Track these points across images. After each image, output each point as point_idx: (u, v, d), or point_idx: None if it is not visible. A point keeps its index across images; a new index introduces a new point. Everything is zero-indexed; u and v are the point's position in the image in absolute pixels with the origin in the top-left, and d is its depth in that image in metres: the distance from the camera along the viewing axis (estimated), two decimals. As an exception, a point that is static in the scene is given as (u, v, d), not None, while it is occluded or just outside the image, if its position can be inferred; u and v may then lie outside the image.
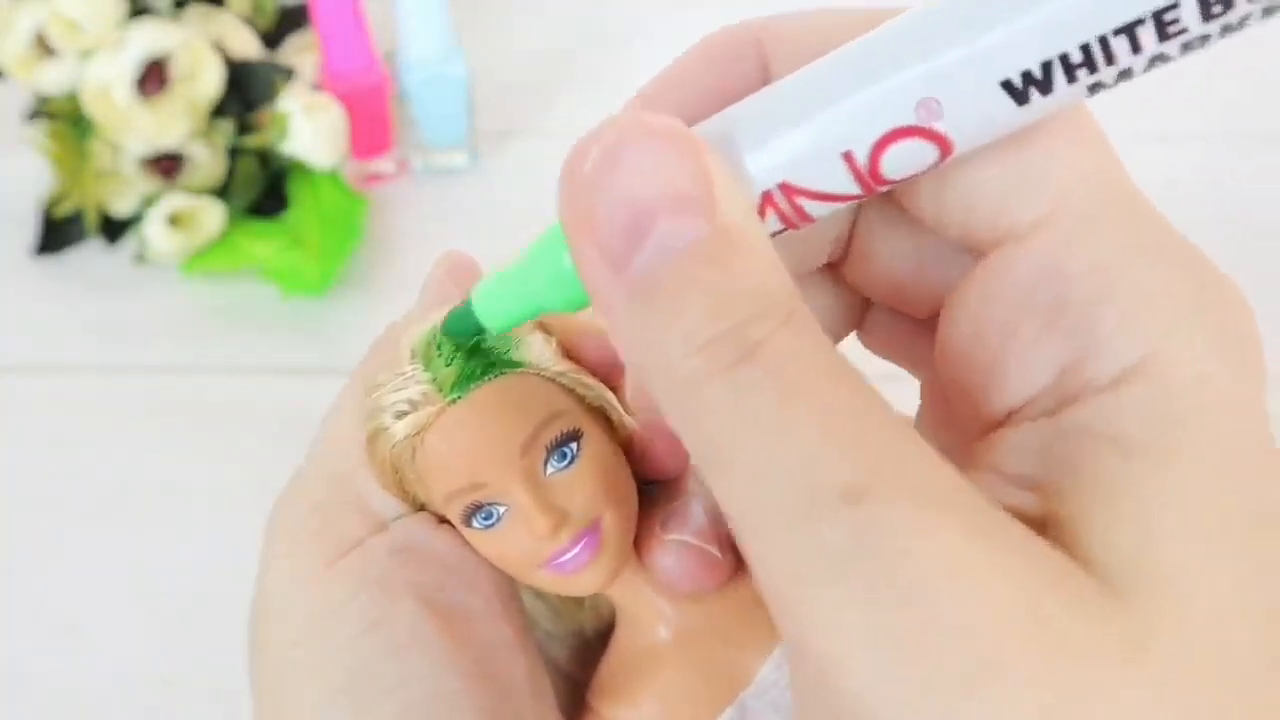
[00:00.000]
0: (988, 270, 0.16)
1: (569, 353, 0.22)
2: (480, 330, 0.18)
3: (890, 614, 0.12)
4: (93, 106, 0.46)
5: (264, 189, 0.51)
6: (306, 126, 0.48)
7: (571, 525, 0.20)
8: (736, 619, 0.22)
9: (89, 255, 0.51)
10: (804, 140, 0.14)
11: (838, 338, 0.20)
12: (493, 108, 0.58)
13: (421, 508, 0.22)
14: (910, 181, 0.15)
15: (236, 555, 0.27)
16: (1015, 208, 0.15)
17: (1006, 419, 0.15)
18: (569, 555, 0.20)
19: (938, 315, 0.17)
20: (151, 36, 0.46)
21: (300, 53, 0.54)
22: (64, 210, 0.50)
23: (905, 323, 0.20)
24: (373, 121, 0.53)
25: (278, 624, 0.21)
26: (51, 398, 0.46)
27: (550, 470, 0.20)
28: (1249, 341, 0.14)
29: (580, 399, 0.21)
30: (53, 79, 0.47)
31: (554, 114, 0.59)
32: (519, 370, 0.21)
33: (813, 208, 0.15)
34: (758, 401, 0.13)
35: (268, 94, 0.49)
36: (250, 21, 0.53)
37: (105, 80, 0.46)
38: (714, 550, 0.21)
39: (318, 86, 0.52)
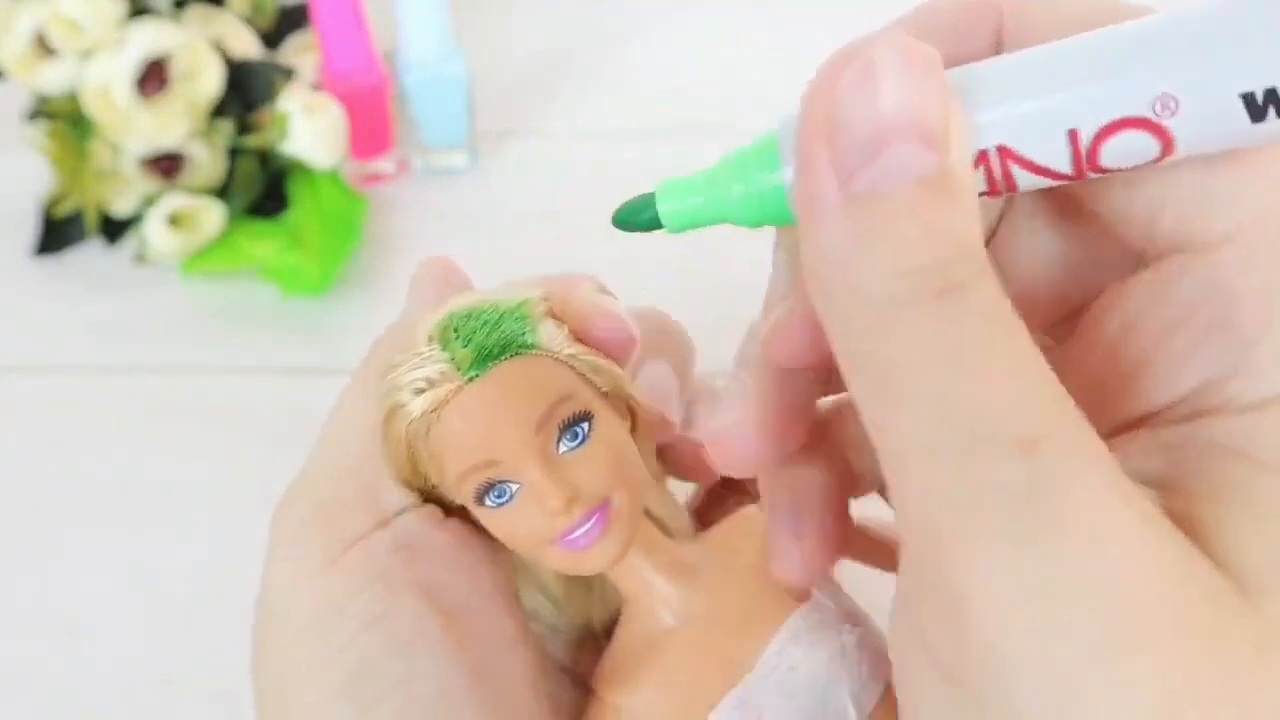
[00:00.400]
0: (1156, 275, 0.16)
1: (580, 338, 0.22)
2: (655, 224, 0.18)
3: (1045, 560, 0.13)
4: (93, 106, 0.46)
5: (264, 189, 0.51)
6: (306, 126, 0.48)
7: (582, 502, 0.21)
8: (740, 603, 0.23)
9: (89, 255, 0.51)
10: (1035, 109, 0.15)
11: None
12: (493, 108, 0.58)
13: (428, 494, 0.23)
14: (1118, 174, 0.15)
15: (236, 555, 0.27)
16: (1204, 220, 0.15)
17: (1143, 419, 0.16)
18: (580, 531, 0.21)
19: (1056, 319, 0.18)
20: (151, 36, 0.46)
21: (300, 53, 0.54)
22: (64, 210, 0.50)
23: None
24: (373, 121, 0.53)
25: (280, 622, 0.21)
26: (51, 398, 0.46)
27: (562, 449, 0.21)
28: None
29: (591, 382, 0.22)
30: (53, 79, 0.47)
31: (554, 114, 0.59)
32: (533, 352, 0.21)
33: (1022, 178, 0.15)
34: (957, 334, 0.13)
35: (268, 94, 0.49)
36: (250, 21, 0.53)
37: (105, 80, 0.46)
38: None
39: (318, 86, 0.52)
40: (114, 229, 0.50)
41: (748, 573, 0.23)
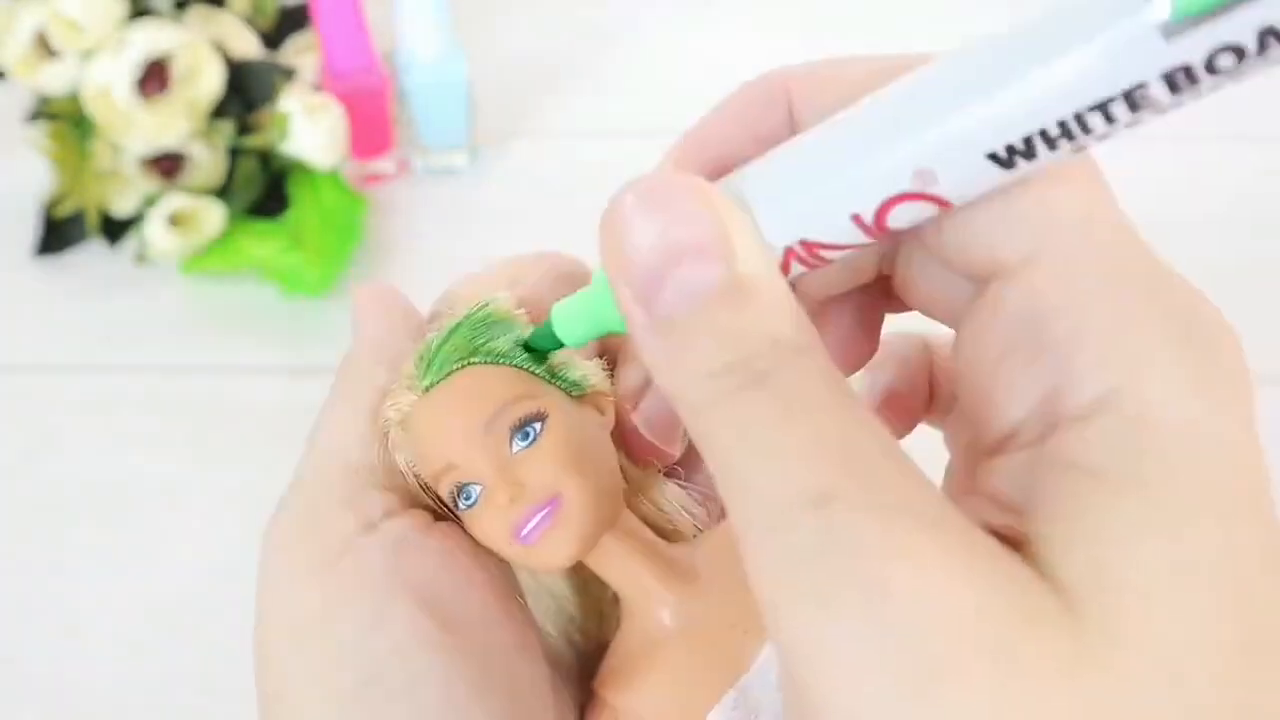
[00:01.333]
0: (982, 305, 0.17)
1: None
2: (559, 344, 0.21)
3: (846, 612, 0.13)
4: (93, 107, 0.46)
5: (264, 189, 0.51)
6: (307, 127, 0.48)
7: (527, 496, 0.21)
8: (738, 604, 0.23)
9: (89, 255, 0.51)
10: (815, 205, 0.17)
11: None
12: (493, 108, 0.58)
13: (436, 511, 0.23)
14: (915, 229, 0.17)
15: (236, 555, 0.27)
16: (1004, 246, 0.16)
17: (999, 445, 0.16)
18: (529, 526, 0.21)
19: None
20: (152, 37, 0.46)
21: (300, 53, 0.55)
22: (65, 210, 0.50)
23: None
24: (373, 122, 0.53)
25: (278, 631, 0.21)
26: (51, 398, 0.46)
27: (515, 449, 0.22)
28: (1232, 375, 0.15)
29: (553, 384, 0.23)
30: (54, 79, 0.47)
31: (554, 114, 0.59)
32: (490, 362, 0.23)
33: (830, 254, 0.17)
34: (754, 422, 0.15)
35: (268, 94, 0.49)
36: (250, 22, 0.53)
37: (106, 81, 0.46)
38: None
39: (318, 87, 0.52)
40: (114, 229, 0.50)
41: (744, 574, 0.23)
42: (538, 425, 0.22)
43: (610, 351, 0.26)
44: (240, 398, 0.45)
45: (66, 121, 0.49)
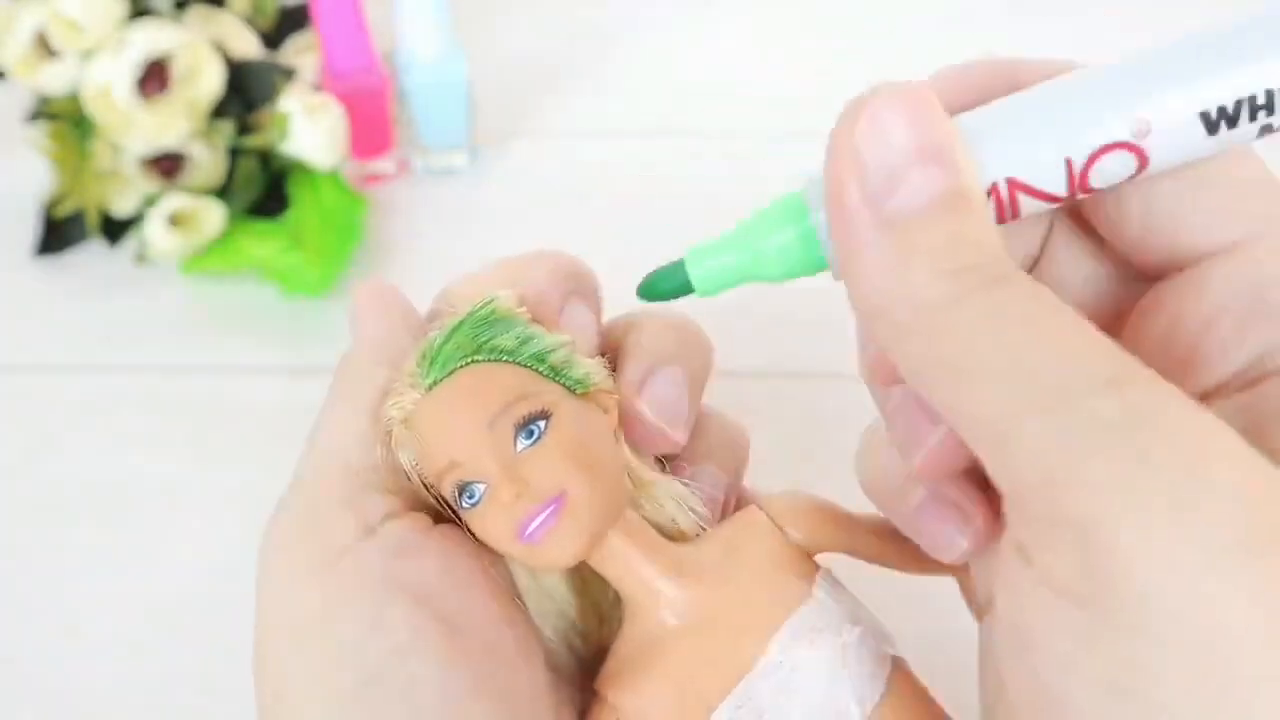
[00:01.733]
0: (1192, 275, 0.18)
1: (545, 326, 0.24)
2: (683, 290, 0.21)
3: (1166, 477, 0.14)
4: (93, 107, 0.46)
5: (264, 189, 0.51)
6: (307, 127, 0.48)
7: (531, 494, 0.21)
8: (742, 603, 0.23)
9: (89, 255, 0.51)
10: (1036, 142, 0.18)
11: None
12: (493, 108, 0.58)
13: (439, 513, 0.23)
14: (1105, 193, 0.18)
15: (236, 555, 0.27)
16: (1217, 233, 0.18)
17: (1201, 398, 0.18)
18: (534, 524, 0.21)
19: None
20: (152, 37, 0.46)
21: (300, 53, 0.55)
22: (65, 210, 0.50)
23: None
24: (373, 122, 0.53)
25: (277, 632, 0.21)
26: (51, 398, 0.46)
27: (520, 447, 0.22)
28: None
29: (558, 381, 0.23)
30: (54, 79, 0.47)
31: (554, 114, 0.59)
32: (493, 359, 0.22)
33: (1025, 203, 0.18)
34: (1017, 311, 0.15)
35: (268, 94, 0.49)
36: (250, 22, 0.53)
37: (106, 81, 0.46)
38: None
39: (318, 87, 0.52)
40: (115, 229, 0.50)
41: (750, 573, 0.23)
42: (542, 423, 0.22)
43: (611, 350, 0.25)
44: (240, 398, 0.45)
45: (66, 121, 0.49)
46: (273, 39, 0.54)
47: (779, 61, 0.62)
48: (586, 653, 0.25)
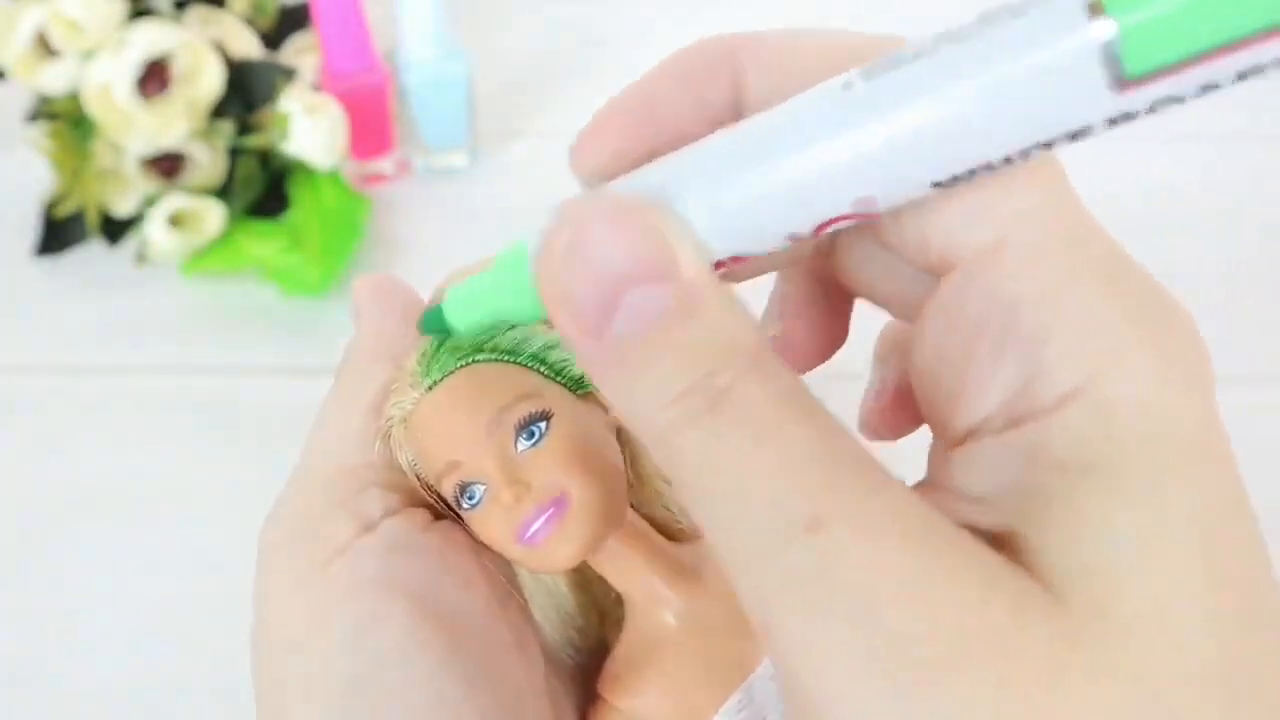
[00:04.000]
0: (943, 296, 0.17)
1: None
2: (449, 331, 0.21)
3: (848, 626, 0.14)
4: (94, 107, 0.46)
5: (264, 189, 0.51)
6: (307, 127, 0.48)
7: (533, 495, 0.21)
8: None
9: (90, 255, 0.51)
10: (752, 224, 0.16)
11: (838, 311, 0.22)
12: (493, 108, 0.58)
13: (436, 510, 0.23)
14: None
15: (236, 555, 0.27)
16: (965, 238, 0.16)
17: (967, 436, 0.16)
18: (535, 526, 0.21)
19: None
20: (152, 37, 0.46)
21: (300, 53, 0.55)
22: (65, 210, 0.50)
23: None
24: (373, 122, 0.53)
25: (274, 633, 0.21)
26: (51, 398, 0.46)
27: (521, 448, 0.22)
28: (1191, 357, 0.15)
29: (559, 382, 0.23)
30: (54, 79, 0.47)
31: (554, 114, 0.59)
32: (494, 359, 0.22)
33: (759, 263, 0.18)
34: (727, 446, 0.15)
35: (268, 94, 0.49)
36: (251, 22, 0.53)
37: (106, 80, 0.46)
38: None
39: (318, 87, 0.52)
40: (115, 229, 0.50)
41: None
42: (543, 424, 0.22)
43: None
44: (240, 398, 0.45)
45: (66, 121, 0.49)
46: (273, 39, 0.54)
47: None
48: (587, 650, 0.25)
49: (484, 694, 0.21)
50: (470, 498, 0.22)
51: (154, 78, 0.47)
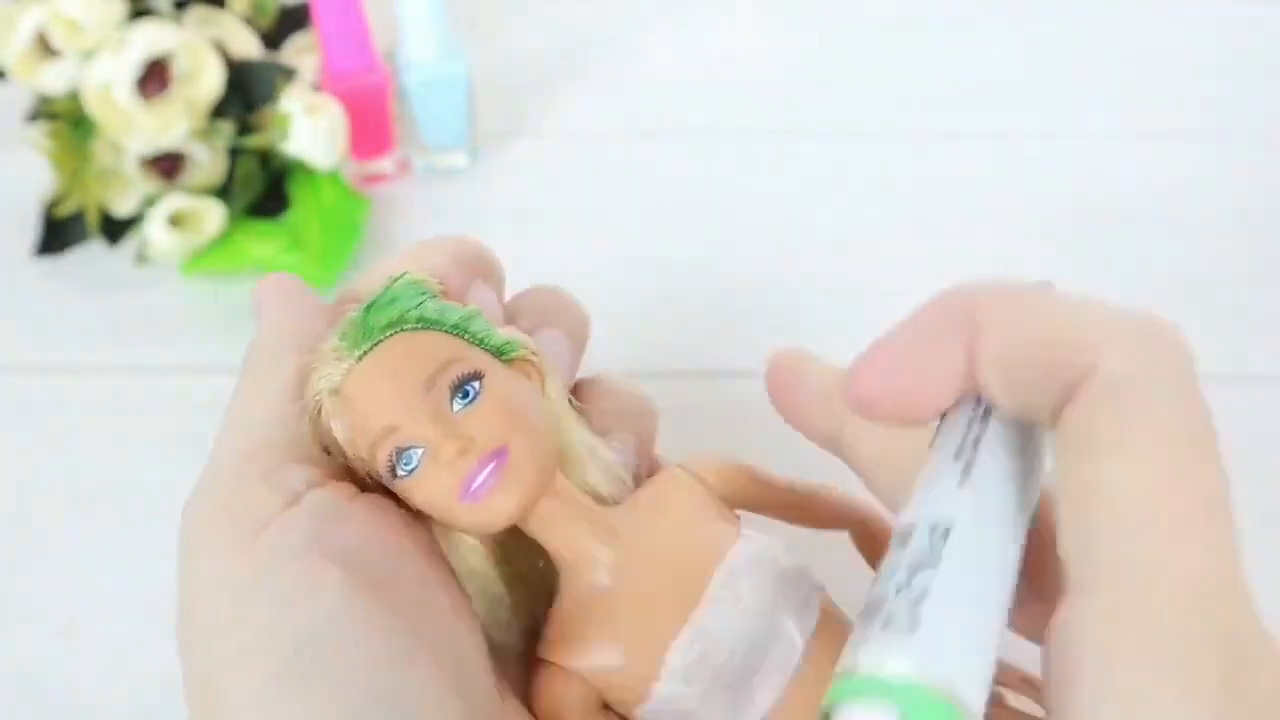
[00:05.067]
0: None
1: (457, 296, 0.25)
2: None
3: None
4: (94, 107, 0.46)
5: (265, 189, 0.51)
6: (307, 127, 0.48)
7: (476, 449, 0.22)
8: (677, 548, 0.23)
9: (90, 255, 0.51)
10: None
11: None
12: (493, 108, 0.58)
13: (364, 483, 0.23)
14: None
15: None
16: (1070, 561, 0.16)
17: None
18: (478, 481, 0.22)
19: None
20: (152, 37, 0.46)
21: (301, 53, 0.55)
22: (65, 210, 0.50)
23: None
24: (373, 122, 0.53)
25: (203, 610, 0.20)
26: (51, 398, 0.46)
27: (456, 408, 0.22)
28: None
29: (485, 348, 0.24)
30: (54, 79, 0.47)
31: (554, 114, 0.59)
32: (420, 327, 0.23)
33: None
34: None
35: (268, 94, 0.49)
36: (251, 22, 0.53)
37: (106, 80, 0.46)
38: None
39: (318, 87, 0.52)
40: (115, 229, 0.50)
41: (681, 521, 0.24)
42: (476, 384, 0.22)
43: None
44: (240, 398, 0.45)
45: (66, 121, 0.49)
46: (273, 39, 0.54)
47: (780, 61, 0.62)
48: (519, 625, 0.25)
49: (426, 655, 0.20)
50: (407, 464, 0.22)
51: (154, 78, 0.47)
